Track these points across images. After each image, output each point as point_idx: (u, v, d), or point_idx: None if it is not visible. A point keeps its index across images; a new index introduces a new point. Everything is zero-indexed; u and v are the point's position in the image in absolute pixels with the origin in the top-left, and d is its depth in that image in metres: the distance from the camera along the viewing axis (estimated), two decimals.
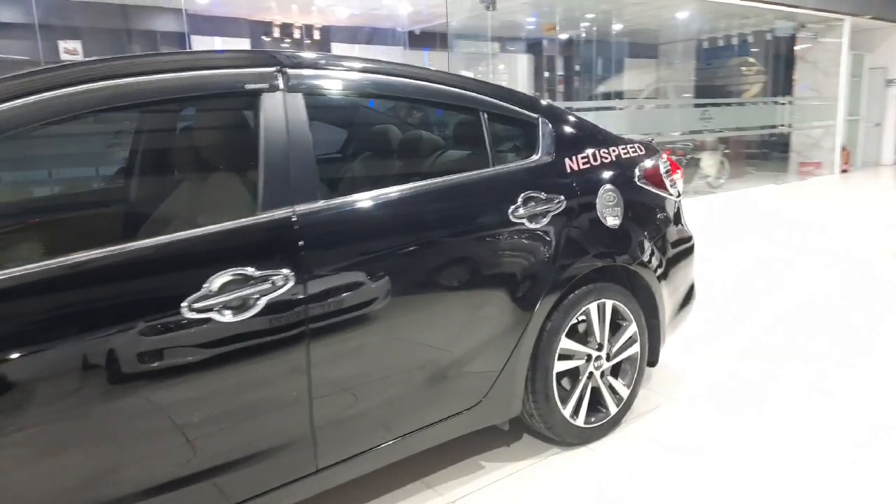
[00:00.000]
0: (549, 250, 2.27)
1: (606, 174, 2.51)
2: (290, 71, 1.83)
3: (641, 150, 2.73)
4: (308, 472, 1.80)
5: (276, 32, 11.59)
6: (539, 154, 2.38)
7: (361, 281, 1.83)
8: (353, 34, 12.54)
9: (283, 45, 11.77)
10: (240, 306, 1.59)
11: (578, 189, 2.39)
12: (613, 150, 2.60)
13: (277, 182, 1.73)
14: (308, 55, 1.91)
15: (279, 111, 1.77)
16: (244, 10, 11.06)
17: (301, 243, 1.71)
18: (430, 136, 2.46)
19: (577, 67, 16.59)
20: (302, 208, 1.75)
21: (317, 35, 12.00)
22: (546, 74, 17.38)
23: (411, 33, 12.88)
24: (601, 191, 2.45)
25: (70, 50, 9.53)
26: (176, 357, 1.53)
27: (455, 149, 2.40)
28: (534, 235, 2.23)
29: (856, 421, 2.65)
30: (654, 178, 2.69)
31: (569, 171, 2.41)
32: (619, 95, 15.02)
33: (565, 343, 2.36)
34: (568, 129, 2.51)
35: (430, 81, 2.15)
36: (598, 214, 2.42)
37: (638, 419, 2.70)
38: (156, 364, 1.51)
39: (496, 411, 2.26)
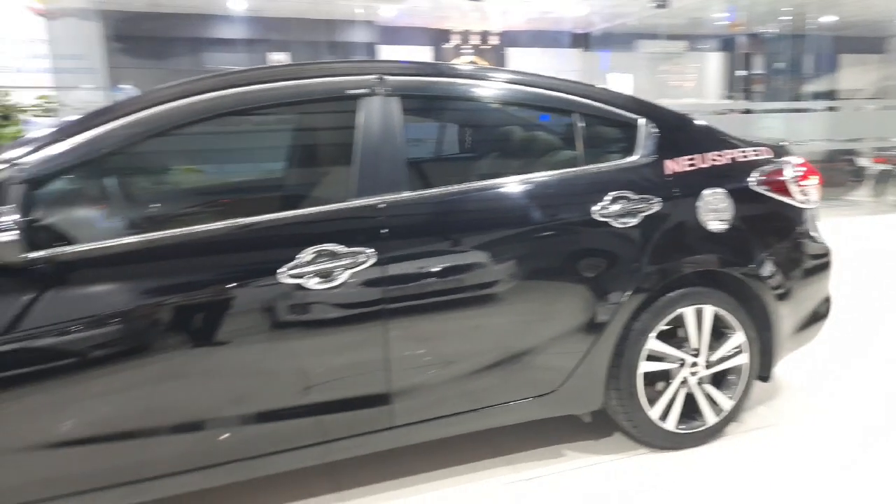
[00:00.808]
0: (637, 250, 2.29)
1: (714, 177, 2.45)
2: (388, 78, 2.11)
3: (765, 155, 2.60)
4: (384, 426, 2.06)
5: (455, 39, 12.24)
6: (636, 155, 2.40)
7: (439, 267, 2.05)
8: (530, 38, 12.78)
9: (462, 51, 12.40)
10: (326, 276, 1.89)
11: (678, 191, 2.37)
12: (728, 154, 2.52)
13: (369, 173, 2.01)
14: (408, 63, 2.18)
15: (376, 113, 2.05)
16: (426, 20, 11.82)
17: (385, 228, 1.97)
18: (519, 136, 2.59)
19: (778, 65, 15.19)
20: (389, 197, 2.01)
21: (494, 40, 12.43)
22: (741, 73, 16.17)
23: (588, 35, 12.78)
24: (705, 194, 2.40)
25: (278, 61, 10.96)
26: (275, 314, 1.88)
27: (545, 148, 2.51)
28: (620, 235, 2.27)
29: None
30: (777, 184, 2.55)
31: (669, 172, 2.39)
32: (830, 95, 13.50)
33: (655, 344, 2.36)
34: (674, 132, 2.49)
35: (523, 84, 2.30)
36: (700, 218, 2.38)
37: (745, 434, 2.59)
38: (253, 319, 1.87)
39: (573, 402, 2.34)
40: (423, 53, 12.31)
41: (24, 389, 1.69)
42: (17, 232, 1.61)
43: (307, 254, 1.89)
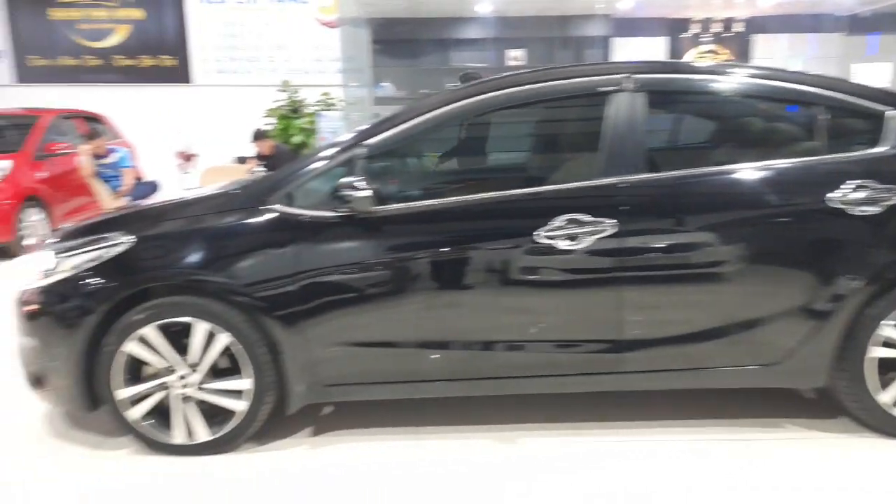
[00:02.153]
0: (876, 239, 2.36)
1: None
2: (636, 76, 2.47)
3: None
4: (613, 370, 2.45)
5: (695, 28, 11.81)
6: (884, 146, 2.45)
7: (672, 242, 2.37)
8: (779, 23, 11.81)
9: (701, 40, 11.93)
10: (573, 238, 2.32)
11: None
12: None
13: (614, 157, 2.40)
14: (655, 63, 2.52)
15: (623, 106, 2.43)
16: (664, 10, 11.57)
17: (625, 204, 2.35)
18: (755, 126, 2.74)
19: None
20: (629, 178, 2.38)
21: (738, 27, 11.74)
22: None
23: (854, 17, 11.43)
24: None
25: (515, 57, 11.65)
26: (529, 266, 2.38)
27: (782, 138, 2.64)
28: (858, 223, 2.35)
29: None
30: None
31: None
32: None
33: (889, 331, 2.40)
34: None
35: (759, 78, 2.51)
36: None
37: None
38: (517, 267, 2.38)
39: (796, 376, 2.49)
40: (659, 45, 12.11)
41: (358, 305, 2.39)
42: (371, 191, 2.30)
43: (559, 220, 2.34)
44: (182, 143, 8.42)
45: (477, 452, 2.48)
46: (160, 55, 10.30)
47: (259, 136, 7.21)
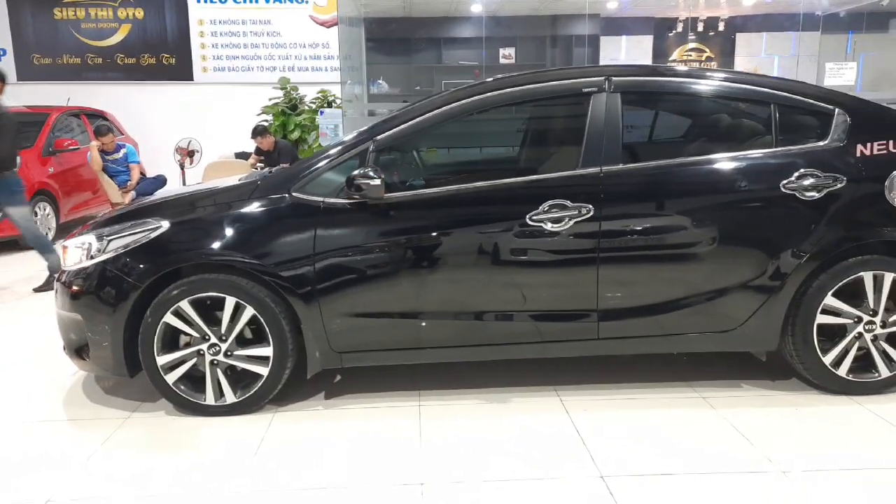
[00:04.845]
0: (819, 219, 2.71)
1: None
2: (614, 79, 2.81)
3: None
4: (591, 337, 2.80)
5: (680, 27, 12.20)
6: (828, 140, 2.81)
7: (642, 224, 2.72)
8: (759, 23, 12.23)
9: (688, 39, 12.32)
10: (557, 221, 2.67)
11: (865, 171, 2.74)
12: None
13: (593, 150, 2.74)
14: (629, 67, 2.86)
15: (602, 105, 2.78)
16: (651, 9, 11.96)
17: (602, 191, 2.69)
18: (716, 123, 3.09)
19: None
20: (607, 168, 2.72)
21: (721, 27, 12.14)
22: None
23: (830, 16, 11.83)
24: (895, 175, 2.73)
25: (506, 55, 11.99)
26: (520, 246, 2.71)
27: (741, 133, 3.00)
28: (804, 206, 2.71)
29: None
30: None
31: (858, 155, 2.76)
32: None
33: (832, 301, 2.76)
34: (868, 120, 2.83)
35: (725, 81, 2.86)
36: (887, 195, 2.72)
37: None
38: (509, 247, 2.71)
39: (751, 341, 2.85)
40: (645, 43, 12.49)
41: (369, 281, 2.71)
42: (381, 180, 2.62)
43: (546, 205, 2.68)
44: (183, 139, 8.68)
45: (476, 415, 2.82)
46: (161, 53, 10.55)
47: (260, 131, 7.50)
